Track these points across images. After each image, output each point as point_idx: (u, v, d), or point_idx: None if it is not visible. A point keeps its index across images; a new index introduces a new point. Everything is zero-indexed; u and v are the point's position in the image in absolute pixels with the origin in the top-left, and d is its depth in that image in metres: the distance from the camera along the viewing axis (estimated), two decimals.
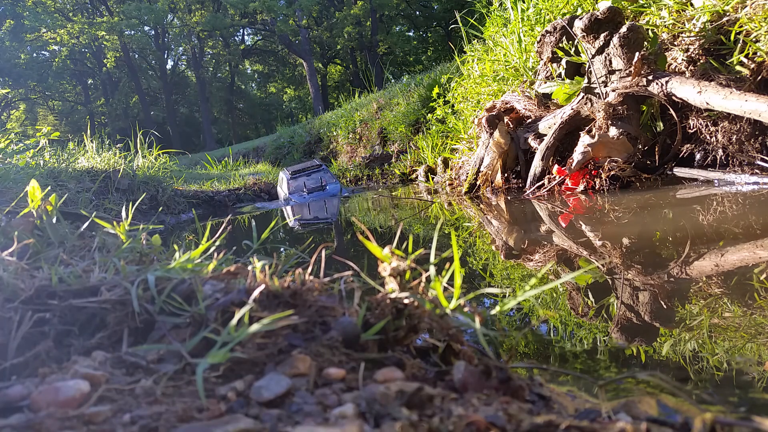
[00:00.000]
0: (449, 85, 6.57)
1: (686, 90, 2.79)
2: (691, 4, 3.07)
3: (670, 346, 0.94)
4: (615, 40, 3.17)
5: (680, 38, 3.13)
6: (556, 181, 3.36)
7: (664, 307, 1.16)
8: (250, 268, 0.86)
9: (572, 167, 3.19)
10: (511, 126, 4.08)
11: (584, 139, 3.22)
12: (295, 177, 4.50)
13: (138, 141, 5.34)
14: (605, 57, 3.28)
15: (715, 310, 1.09)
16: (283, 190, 4.70)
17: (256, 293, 0.74)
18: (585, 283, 1.42)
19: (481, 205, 3.40)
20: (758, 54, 2.66)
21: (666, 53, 3.16)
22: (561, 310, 1.24)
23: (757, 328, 0.97)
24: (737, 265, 1.38)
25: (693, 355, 0.90)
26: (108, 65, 31.76)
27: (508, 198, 3.49)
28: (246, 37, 37.53)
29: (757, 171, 2.67)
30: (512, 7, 5.02)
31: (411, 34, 29.43)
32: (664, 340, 0.97)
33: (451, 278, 0.77)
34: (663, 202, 2.49)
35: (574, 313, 1.21)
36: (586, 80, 3.45)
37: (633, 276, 1.41)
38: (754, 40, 2.67)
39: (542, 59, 3.99)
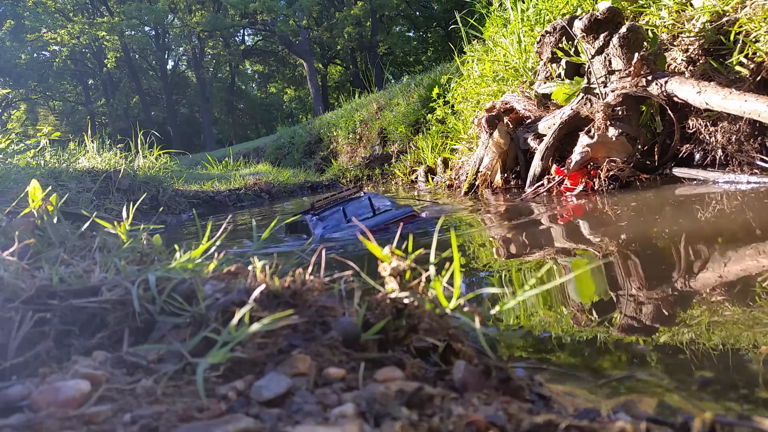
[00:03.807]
0: (449, 86, 6.57)
1: (686, 90, 2.79)
2: (691, 5, 3.07)
3: (671, 346, 0.94)
4: (615, 40, 3.17)
5: (680, 38, 3.13)
6: (555, 181, 3.36)
7: (665, 306, 1.16)
8: (250, 268, 0.87)
9: (570, 168, 3.19)
10: (511, 126, 4.08)
11: (583, 140, 3.22)
12: (322, 216, 2.87)
13: (138, 141, 5.35)
14: (605, 57, 3.28)
15: (716, 310, 1.09)
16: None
17: (256, 293, 0.74)
18: (585, 282, 1.42)
19: (480, 205, 3.40)
20: (758, 54, 2.66)
21: (666, 53, 3.16)
22: (561, 310, 1.24)
23: (759, 327, 0.97)
24: (738, 266, 1.39)
25: (694, 354, 0.90)
26: (108, 65, 31.77)
27: (508, 198, 3.49)
28: (246, 38, 37.55)
29: (756, 171, 2.68)
30: (512, 8, 5.02)
31: (411, 34, 29.44)
32: (664, 340, 0.97)
33: (451, 278, 0.77)
34: (662, 201, 2.49)
35: (574, 312, 1.21)
36: (585, 80, 3.45)
37: (633, 275, 1.41)
38: (753, 40, 2.67)
39: (542, 59, 3.99)
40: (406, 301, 0.72)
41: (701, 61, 2.98)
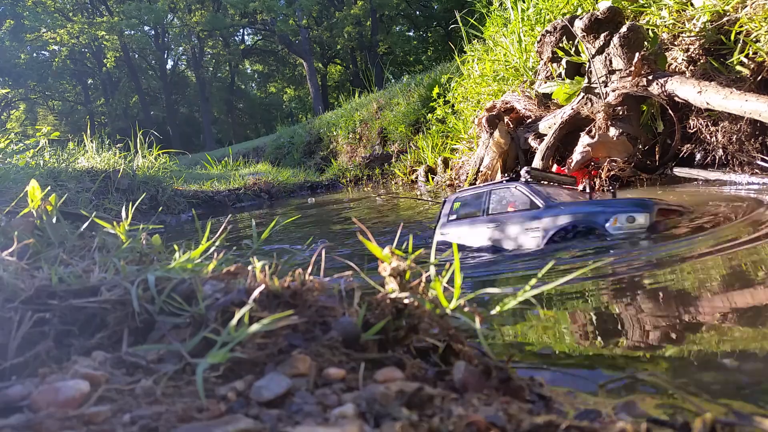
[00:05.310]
0: (449, 85, 6.57)
1: (686, 90, 2.79)
2: (692, 4, 3.07)
3: (671, 347, 0.94)
4: (615, 40, 3.17)
5: (680, 38, 3.13)
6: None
7: (664, 307, 1.16)
8: (250, 268, 0.86)
9: (571, 167, 3.19)
10: (511, 126, 4.08)
11: (584, 140, 3.22)
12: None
13: (138, 141, 5.35)
14: (605, 57, 3.28)
15: (714, 310, 1.09)
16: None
17: (256, 293, 0.74)
18: (585, 283, 1.42)
19: None
20: (758, 54, 2.66)
21: (666, 53, 3.16)
22: (561, 310, 1.24)
23: (759, 326, 0.97)
24: (736, 265, 1.38)
25: (694, 354, 0.89)
26: (108, 65, 31.73)
27: None
28: (246, 37, 37.48)
29: (757, 171, 2.68)
30: (512, 7, 5.02)
31: (411, 34, 29.40)
32: (664, 341, 0.97)
33: (452, 278, 0.77)
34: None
35: (575, 312, 1.20)
36: (586, 80, 3.45)
37: (633, 276, 1.41)
38: (754, 40, 2.67)
39: (542, 59, 3.99)
40: (406, 301, 0.72)
41: (702, 61, 2.98)
